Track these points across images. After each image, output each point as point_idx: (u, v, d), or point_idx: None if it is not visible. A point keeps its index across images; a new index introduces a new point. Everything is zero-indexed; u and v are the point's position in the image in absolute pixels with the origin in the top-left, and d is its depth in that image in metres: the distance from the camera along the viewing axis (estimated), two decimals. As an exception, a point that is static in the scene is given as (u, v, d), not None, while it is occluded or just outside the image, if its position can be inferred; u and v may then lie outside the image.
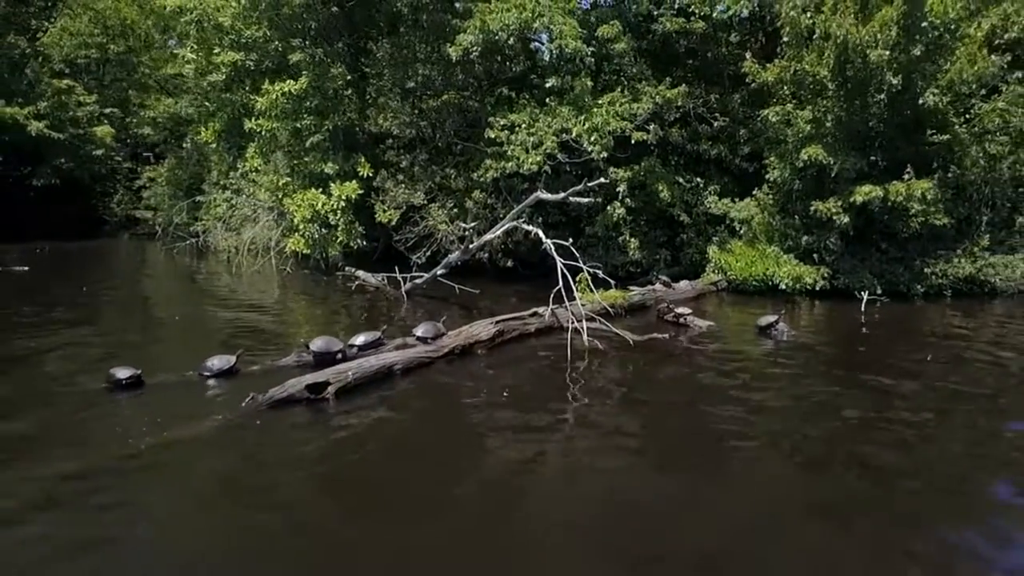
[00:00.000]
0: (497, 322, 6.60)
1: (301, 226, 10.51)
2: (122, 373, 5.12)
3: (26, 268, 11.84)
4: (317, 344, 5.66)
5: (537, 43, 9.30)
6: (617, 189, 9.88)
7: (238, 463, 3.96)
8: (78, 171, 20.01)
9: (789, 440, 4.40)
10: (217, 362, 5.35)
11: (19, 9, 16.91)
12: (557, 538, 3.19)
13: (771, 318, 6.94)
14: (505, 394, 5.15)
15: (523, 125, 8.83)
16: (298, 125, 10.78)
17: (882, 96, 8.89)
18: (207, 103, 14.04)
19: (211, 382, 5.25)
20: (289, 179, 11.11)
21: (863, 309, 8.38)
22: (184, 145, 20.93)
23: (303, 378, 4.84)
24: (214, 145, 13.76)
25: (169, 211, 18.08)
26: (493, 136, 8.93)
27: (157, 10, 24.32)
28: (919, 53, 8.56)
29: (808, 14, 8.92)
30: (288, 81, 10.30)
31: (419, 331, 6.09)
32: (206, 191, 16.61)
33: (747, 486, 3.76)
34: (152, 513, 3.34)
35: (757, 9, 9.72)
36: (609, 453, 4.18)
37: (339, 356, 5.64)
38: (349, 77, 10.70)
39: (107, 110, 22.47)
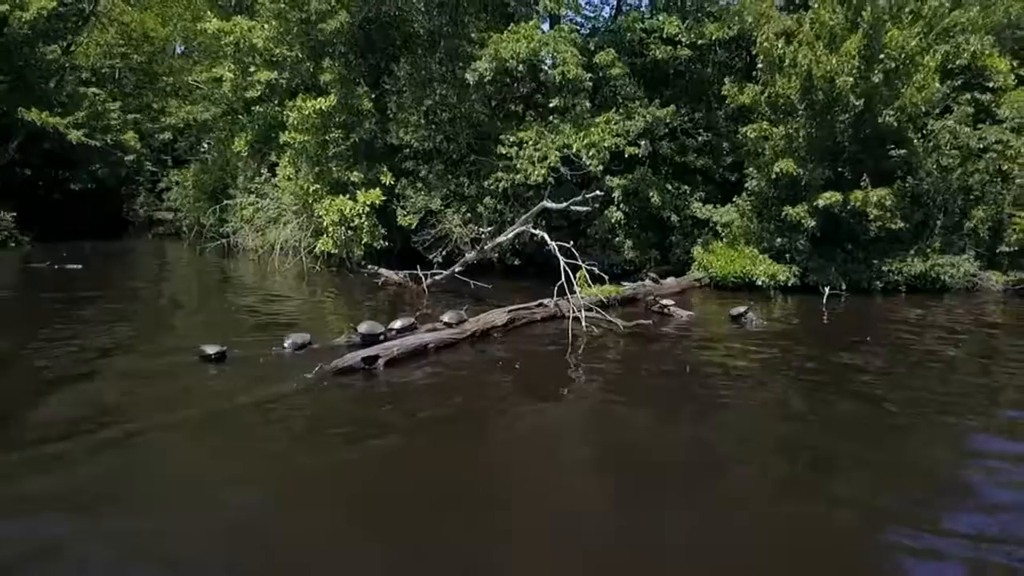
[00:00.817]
0: (509, 311, 7.85)
1: (330, 228, 11.76)
2: (210, 349, 6.35)
3: (80, 266, 13.10)
4: (364, 327, 6.91)
5: (543, 67, 10.51)
6: (613, 196, 11.14)
7: (317, 413, 5.18)
8: (109, 175, 21.30)
9: (752, 395, 5.66)
10: (298, 339, 6.61)
11: (57, 24, 18.20)
12: (562, 456, 4.45)
13: (741, 308, 8.19)
14: (517, 366, 6.40)
15: (530, 142, 10.10)
16: (326, 138, 12.04)
17: (847, 116, 10.14)
18: (240, 116, 15.27)
19: (285, 356, 6.49)
20: (317, 186, 12.36)
21: (824, 302, 9.64)
22: (202, 150, 22.28)
23: (360, 352, 6.09)
24: (244, 153, 14.97)
25: (197, 213, 19.35)
26: (504, 152, 10.20)
27: (176, 21, 25.64)
28: (878, 80, 9.81)
29: (780, 43, 10.17)
30: (320, 99, 11.55)
31: (445, 317, 7.33)
32: (233, 195, 17.85)
33: (715, 424, 5.03)
34: (252, 448, 4.57)
35: (737, 35, 10.93)
36: (601, 405, 5.44)
37: (381, 337, 6.88)
38: (373, 95, 11.95)
39: (130, 116, 23.75)
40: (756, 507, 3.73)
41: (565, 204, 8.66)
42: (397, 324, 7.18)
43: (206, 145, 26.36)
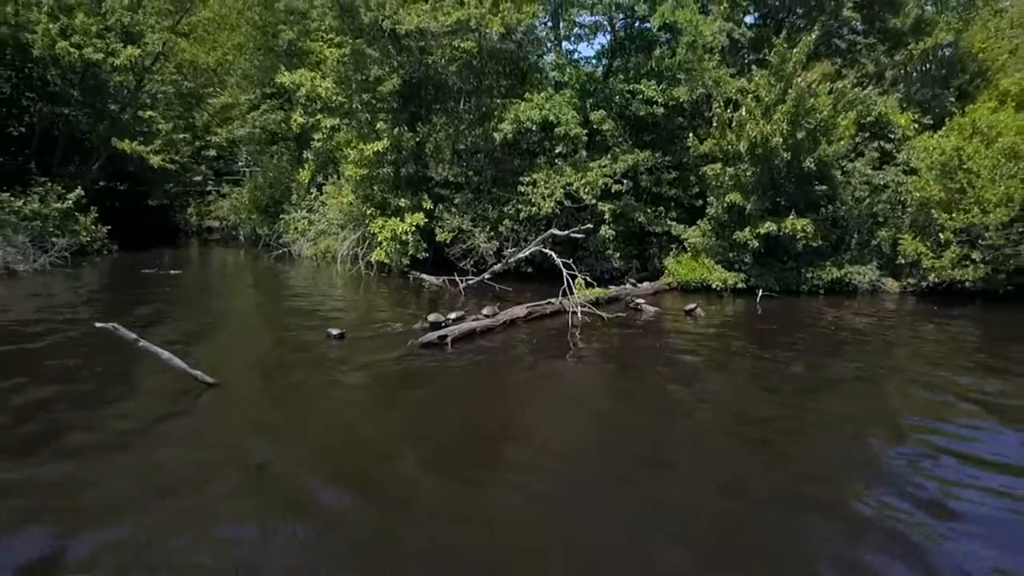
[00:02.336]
0: (528, 307, 11.18)
1: (384, 243, 15.10)
2: (334, 331, 9.69)
3: (180, 271, 16.44)
4: (432, 317, 10.24)
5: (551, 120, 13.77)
6: (604, 218, 14.45)
7: (405, 372, 8.47)
8: (181, 192, 24.72)
9: (695, 360, 8.98)
10: (435, 317, 9.96)
11: (136, 64, 21.49)
12: (562, 390, 7.78)
13: (692, 305, 11.53)
14: (534, 342, 9.72)
15: (541, 182, 13.43)
16: (379, 172, 15.38)
17: (779, 161, 13.43)
18: (290, 143, 18.59)
19: (387, 334, 9.79)
20: (372, 209, 15.69)
21: (759, 301, 12.97)
22: (239, 164, 25.72)
23: (434, 332, 9.40)
24: (306, 181, 18.32)
25: (253, 224, 22.74)
26: (522, 190, 13.53)
27: (218, 48, 28.82)
28: (801, 136, 13.11)
29: (729, 110, 13.48)
30: (376, 143, 14.89)
31: (485, 311, 10.66)
32: (288, 210, 21.21)
33: (671, 382, 8.35)
34: (374, 386, 7.89)
35: (697, 100, 14.24)
36: (590, 369, 8.76)
37: (443, 324, 10.20)
38: (417, 139, 15.29)
39: (180, 136, 27.09)
40: (689, 408, 7.06)
41: (567, 232, 12.01)
42: (452, 315, 10.52)
43: (243, 160, 29.89)
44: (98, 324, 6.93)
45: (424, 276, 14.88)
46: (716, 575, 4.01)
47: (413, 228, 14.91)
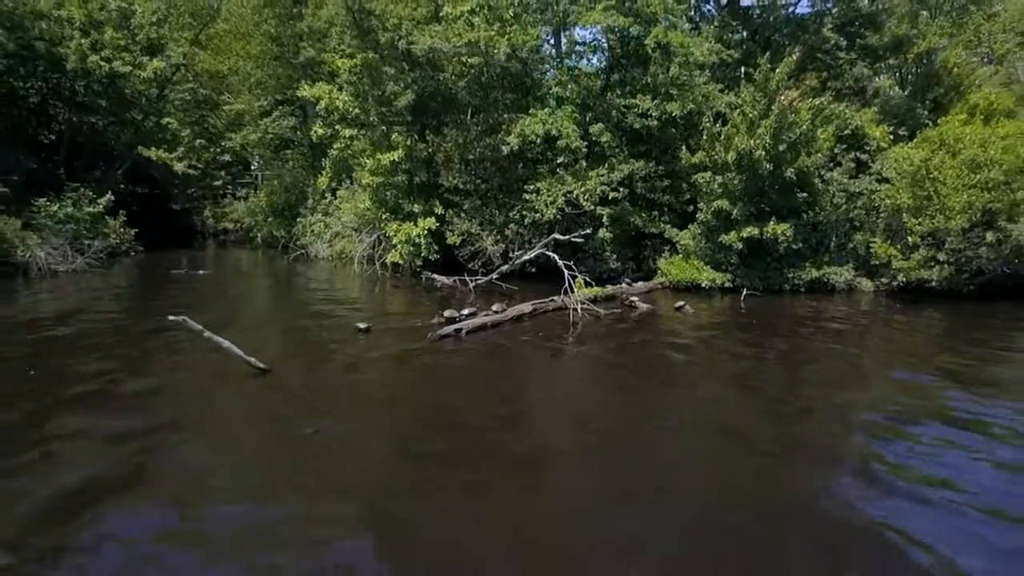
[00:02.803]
0: (533, 304, 12.38)
1: (399, 246, 16.30)
2: (361, 324, 10.90)
3: (207, 271, 17.65)
4: (448, 312, 11.45)
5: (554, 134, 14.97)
6: (603, 223, 15.66)
7: (428, 359, 9.68)
8: (201, 196, 25.94)
9: (682, 350, 10.18)
10: (450, 313, 11.16)
11: (160, 75, 22.74)
12: (561, 368, 9.00)
13: (681, 303, 12.74)
14: (540, 334, 10.93)
15: (544, 190, 14.65)
16: (394, 180, 16.58)
17: (763, 171, 14.62)
18: (325, 160, 19.81)
19: (405, 327, 11.00)
20: (387, 214, 16.89)
21: (743, 299, 14.19)
22: (253, 167, 26.86)
23: (451, 326, 10.61)
24: (323, 187, 19.52)
25: (270, 227, 23.95)
26: (526, 197, 14.75)
27: (232, 57, 29.94)
28: (783, 149, 14.31)
29: (718, 124, 14.69)
30: (391, 152, 16.09)
31: (495, 307, 11.86)
32: (303, 213, 22.42)
33: (659, 367, 9.56)
34: (394, 378, 9.09)
35: (689, 114, 15.44)
36: (587, 358, 9.98)
37: (458, 319, 11.40)
38: (429, 149, 16.49)
39: (197, 142, 28.31)
40: (676, 385, 8.27)
41: (568, 237, 13.23)
42: (465, 311, 11.73)
43: (255, 164, 31.07)
44: (171, 317, 8.14)
45: (436, 276, 16.08)
46: (700, 500, 5.23)
47: (426, 232, 16.12)
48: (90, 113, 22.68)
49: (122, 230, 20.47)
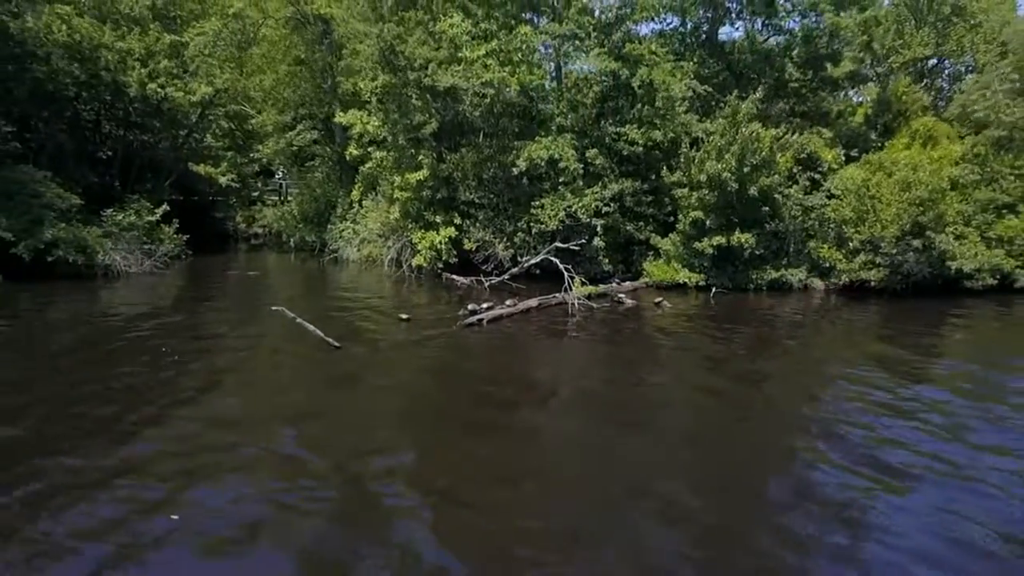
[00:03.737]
0: (538, 300, 15.20)
1: (423, 251, 19.12)
2: (403, 315, 13.73)
3: (256, 272, 20.46)
4: (470, 306, 14.26)
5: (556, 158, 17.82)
6: (597, 232, 18.47)
7: (459, 340, 12.49)
8: (240, 205, 28.79)
9: (660, 336, 13.02)
10: (472, 306, 13.98)
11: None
12: (561, 351, 11.85)
13: (659, 299, 15.58)
14: (545, 323, 13.76)
15: (548, 205, 17.49)
16: (419, 195, 19.41)
17: (730, 189, 17.43)
18: (355, 175, 22.64)
19: (436, 318, 13.82)
20: (412, 223, 19.72)
21: (712, 295, 17.02)
22: (278, 176, 29.63)
23: (474, 316, 13.43)
24: (356, 199, 22.36)
25: (301, 233, 26.78)
26: (533, 211, 17.59)
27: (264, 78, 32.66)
28: (747, 171, 17.13)
29: (694, 149, 17.52)
30: (417, 172, 18.90)
31: (508, 302, 14.69)
32: (333, 220, 25.24)
33: (641, 349, 12.40)
34: (433, 354, 11.92)
35: (670, 140, 18.26)
36: (582, 341, 12.83)
37: (478, 311, 14.21)
38: (449, 169, 19.31)
39: (237, 158, 31.14)
40: (653, 362, 11.11)
41: (568, 244, 16.07)
42: (484, 305, 14.55)
43: (280, 174, 33.89)
44: (273, 308, 10.99)
45: (455, 277, 18.91)
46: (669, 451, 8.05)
47: (446, 239, 18.95)
48: (142, 132, 25.51)
49: (176, 236, 23.27)
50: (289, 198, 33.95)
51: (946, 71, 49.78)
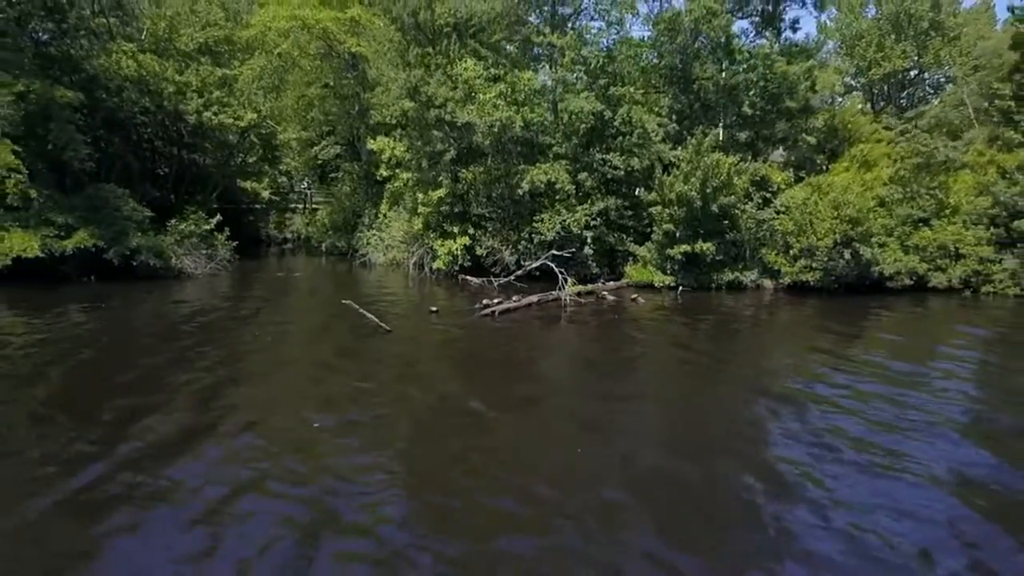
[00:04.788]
0: (538, 296, 19.04)
1: (442, 256, 22.97)
2: (433, 308, 17.59)
3: (299, 274, 24.28)
4: (485, 301, 18.12)
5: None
6: (587, 241, 22.31)
7: (478, 326, 16.32)
8: (278, 216, 32.69)
9: (635, 324, 16.89)
10: (486, 301, 17.85)
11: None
12: (557, 334, 15.73)
13: (635, 296, 19.45)
14: (544, 314, 17.60)
15: (546, 219, 21.35)
16: (439, 209, 23.27)
17: (696, 206, 21.27)
18: (380, 189, 26.51)
19: (458, 310, 17.67)
20: (432, 233, 23.57)
21: (679, 293, 20.88)
22: (303, 186, 33.56)
23: (488, 308, 17.27)
24: (385, 211, 26.24)
25: (331, 239, 30.64)
26: (535, 225, 21.46)
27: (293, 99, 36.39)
28: (709, 192, 20.97)
29: (666, 174, 21.39)
30: (438, 190, 22.75)
31: (514, 298, 18.56)
32: (361, 228, 29.09)
33: (620, 333, 16.28)
34: (458, 336, 15.76)
35: (646, 166, 22.12)
36: (573, 328, 16.71)
37: (491, 305, 18.04)
38: (463, 188, 23.17)
39: (267, 168, 34.99)
40: (629, 344, 14.97)
41: (562, 253, 19.94)
42: (495, 300, 18.41)
43: (305, 184, 37.77)
44: (344, 301, 14.84)
45: (468, 277, 22.76)
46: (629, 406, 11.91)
47: (461, 246, 22.82)
48: (193, 151, 29.39)
49: (227, 242, 27.11)
50: (314, 206, 37.83)
51: (926, 82, 53.57)
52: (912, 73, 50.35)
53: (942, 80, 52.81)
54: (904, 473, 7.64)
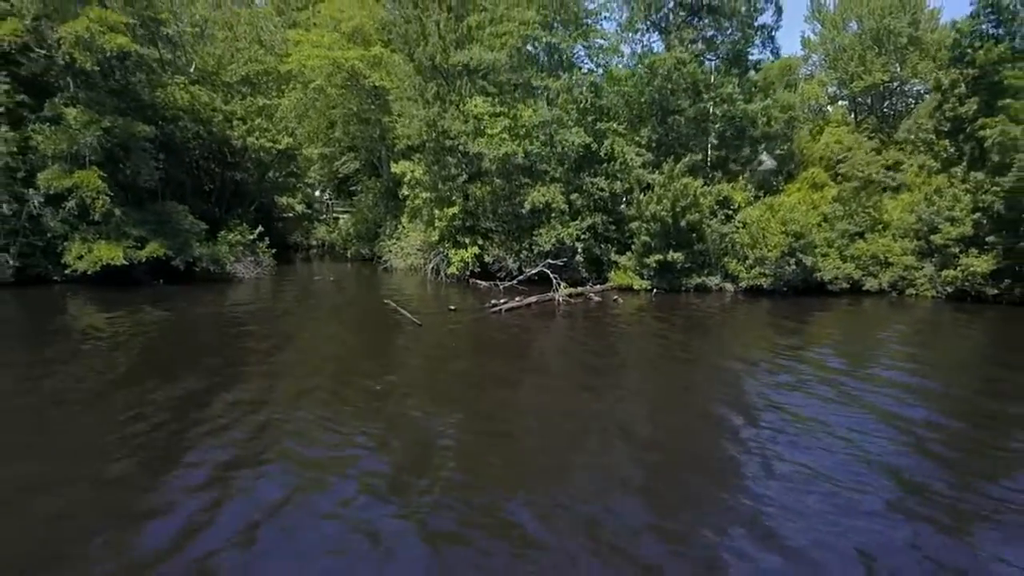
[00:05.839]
0: (537, 297, 23.24)
1: (456, 263, 27.18)
2: (452, 306, 21.77)
3: (335, 278, 28.44)
4: (493, 301, 22.31)
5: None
6: (577, 251, 26.51)
7: (489, 321, 20.49)
8: (309, 226, 36.96)
9: (617, 319, 21.12)
10: (494, 301, 22.10)
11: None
12: (551, 328, 19.99)
13: (616, 297, 23.67)
14: (542, 311, 21.80)
15: (544, 232, 25.55)
16: (453, 224, 27.48)
17: (668, 222, 25.43)
18: (407, 207, 30.71)
19: (471, 308, 21.87)
20: (447, 243, 27.77)
21: (653, 295, 25.09)
22: (326, 197, 37.83)
23: (496, 307, 21.47)
24: (406, 223, 30.47)
25: (356, 246, 34.84)
26: (533, 237, 25.68)
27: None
28: (678, 210, 25.16)
29: (643, 195, 25.60)
30: (452, 207, 26.96)
31: (517, 298, 22.76)
32: (382, 237, 33.28)
33: (604, 326, 20.55)
34: (472, 328, 19.98)
35: (627, 188, 26.32)
36: (566, 322, 20.94)
37: (498, 304, 22.22)
38: (473, 204, 27.36)
39: (298, 184, 39.21)
40: (610, 334, 19.20)
41: (557, 261, 24.17)
42: (502, 300, 22.61)
43: (327, 195, 41.90)
44: (386, 300, 19.05)
45: (478, 281, 26.96)
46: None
47: (472, 255, 27.04)
48: (235, 170, 33.61)
49: (267, 250, 31.31)
50: (335, 215, 42.06)
51: (907, 93, 57.75)
52: (893, 84, 54.45)
53: (922, 92, 56.91)
54: (814, 420, 11.87)
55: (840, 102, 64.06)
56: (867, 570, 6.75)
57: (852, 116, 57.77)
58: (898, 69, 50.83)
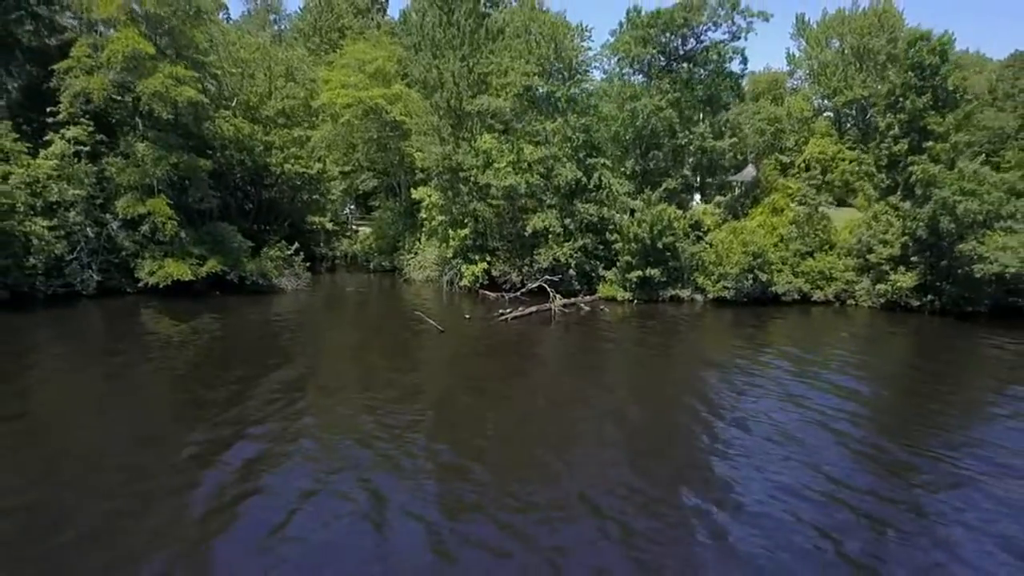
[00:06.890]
0: (536, 307, 27.91)
1: (467, 276, 31.85)
2: (467, 314, 26.46)
3: (363, 289, 33.07)
4: (500, 311, 26.98)
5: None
6: (571, 267, 31.16)
7: (497, 327, 25.15)
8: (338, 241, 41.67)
9: (603, 325, 25.82)
10: (502, 310, 26.83)
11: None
12: (548, 332, 24.69)
13: (602, 307, 28.38)
14: (540, 319, 26.49)
15: (543, 251, 30.21)
16: (465, 243, 32.15)
17: (647, 243, 30.07)
18: (424, 227, 35.39)
19: (483, 316, 26.56)
20: (460, 259, 32.44)
21: (635, 304, 29.79)
22: (347, 210, 42.47)
23: (503, 315, 26.14)
24: (424, 240, 35.17)
25: (378, 258, 39.53)
26: (534, 255, 30.34)
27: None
28: (656, 232, 29.77)
29: (627, 218, 30.26)
30: (464, 229, 31.62)
31: (520, 308, 27.44)
32: (402, 253, 37.94)
33: (592, 330, 25.24)
34: (485, 333, 24.64)
35: (612, 215, 30.99)
36: (560, 327, 25.64)
37: (505, 313, 26.88)
38: (484, 228, 32.02)
39: (327, 204, 43.82)
40: (597, 336, 23.90)
41: (554, 277, 28.85)
42: (508, 310, 27.29)
43: (347, 210, 46.70)
44: (416, 311, 23.76)
45: (487, 292, 31.64)
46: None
47: (481, 270, 31.73)
48: (271, 191, 38.26)
49: (302, 264, 35.92)
50: (355, 228, 46.68)
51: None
52: (872, 99, 58.99)
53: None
54: (766, 398, 16.57)
55: (825, 114, 68.96)
56: (792, 497, 11.46)
57: (836, 127, 62.63)
58: (878, 87, 55.42)
